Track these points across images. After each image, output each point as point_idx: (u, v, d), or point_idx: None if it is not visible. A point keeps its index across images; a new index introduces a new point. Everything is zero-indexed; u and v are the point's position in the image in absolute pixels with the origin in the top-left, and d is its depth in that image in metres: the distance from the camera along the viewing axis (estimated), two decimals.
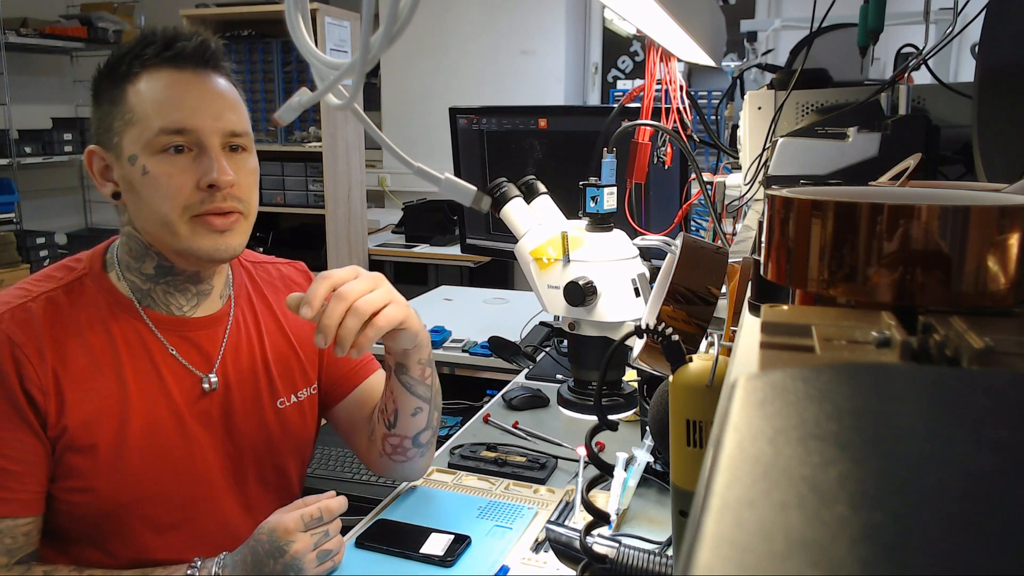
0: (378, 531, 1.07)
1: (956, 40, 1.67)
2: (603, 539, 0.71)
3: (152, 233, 0.94)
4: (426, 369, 1.06)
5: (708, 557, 0.14)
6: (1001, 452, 0.18)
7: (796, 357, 0.28)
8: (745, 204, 1.18)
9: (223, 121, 0.92)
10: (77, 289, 0.96)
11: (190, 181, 0.91)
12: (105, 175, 0.95)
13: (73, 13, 4.90)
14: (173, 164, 0.90)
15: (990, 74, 0.81)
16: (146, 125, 0.90)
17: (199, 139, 0.91)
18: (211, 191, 0.91)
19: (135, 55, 0.92)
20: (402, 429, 1.08)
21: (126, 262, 0.99)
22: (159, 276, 0.98)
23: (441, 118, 2.15)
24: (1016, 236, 0.32)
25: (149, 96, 0.90)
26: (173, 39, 0.92)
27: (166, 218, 0.91)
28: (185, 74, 0.92)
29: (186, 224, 0.92)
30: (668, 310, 0.65)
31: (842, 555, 0.14)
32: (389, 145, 0.53)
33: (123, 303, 0.97)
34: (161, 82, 0.91)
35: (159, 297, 0.99)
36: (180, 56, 0.92)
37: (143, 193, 0.91)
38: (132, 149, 0.91)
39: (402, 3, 0.39)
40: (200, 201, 0.91)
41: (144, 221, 0.94)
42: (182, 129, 0.90)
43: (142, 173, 0.90)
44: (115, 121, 0.92)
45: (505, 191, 1.01)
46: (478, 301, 2.45)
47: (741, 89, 1.66)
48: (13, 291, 0.94)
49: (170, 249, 0.95)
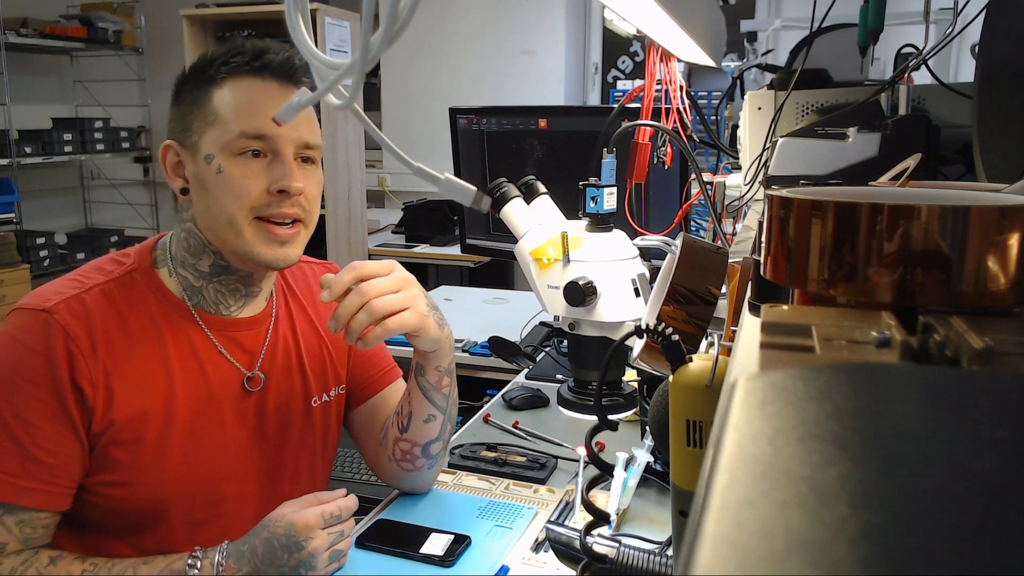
0: (378, 531, 1.07)
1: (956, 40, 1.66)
2: (603, 539, 0.71)
3: (215, 231, 0.96)
4: (444, 378, 1.07)
5: (708, 557, 0.14)
6: (1001, 452, 0.18)
7: (796, 357, 0.28)
8: (745, 204, 1.18)
9: (299, 132, 0.96)
10: (128, 283, 0.97)
11: (261, 184, 0.94)
12: (176, 171, 0.98)
13: (73, 13, 4.90)
14: (248, 167, 0.93)
15: (990, 74, 0.81)
16: (227, 128, 0.93)
17: (275, 146, 0.94)
18: (280, 196, 0.94)
19: (223, 62, 0.95)
20: (414, 435, 1.09)
21: (181, 258, 1.00)
22: (213, 275, 1.00)
23: (441, 118, 2.15)
24: (1016, 236, 0.32)
25: (233, 101, 0.94)
26: (263, 51, 0.96)
27: (232, 217, 0.94)
28: (269, 85, 0.96)
29: (250, 226, 0.94)
30: (668, 310, 0.65)
31: (842, 555, 0.14)
32: (389, 145, 0.53)
33: (172, 300, 0.99)
34: (246, 89, 0.95)
35: (210, 296, 1.01)
36: (267, 68, 0.95)
37: (214, 191, 0.94)
38: (210, 148, 0.94)
39: (402, 3, 0.39)
40: (267, 204, 0.94)
41: (210, 219, 0.96)
42: (261, 135, 0.93)
43: (217, 172, 0.93)
44: (196, 121, 0.95)
45: (505, 191, 1.01)
46: (478, 301, 2.45)
47: (741, 89, 1.66)
48: (65, 282, 0.96)
49: (231, 249, 0.97)
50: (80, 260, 4.68)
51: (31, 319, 0.91)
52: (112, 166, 5.34)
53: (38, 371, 0.89)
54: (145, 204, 5.45)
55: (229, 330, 1.02)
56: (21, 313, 0.92)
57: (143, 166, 5.39)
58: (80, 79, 5.12)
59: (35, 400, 0.89)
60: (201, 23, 3.28)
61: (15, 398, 0.88)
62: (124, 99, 5.17)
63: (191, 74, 0.97)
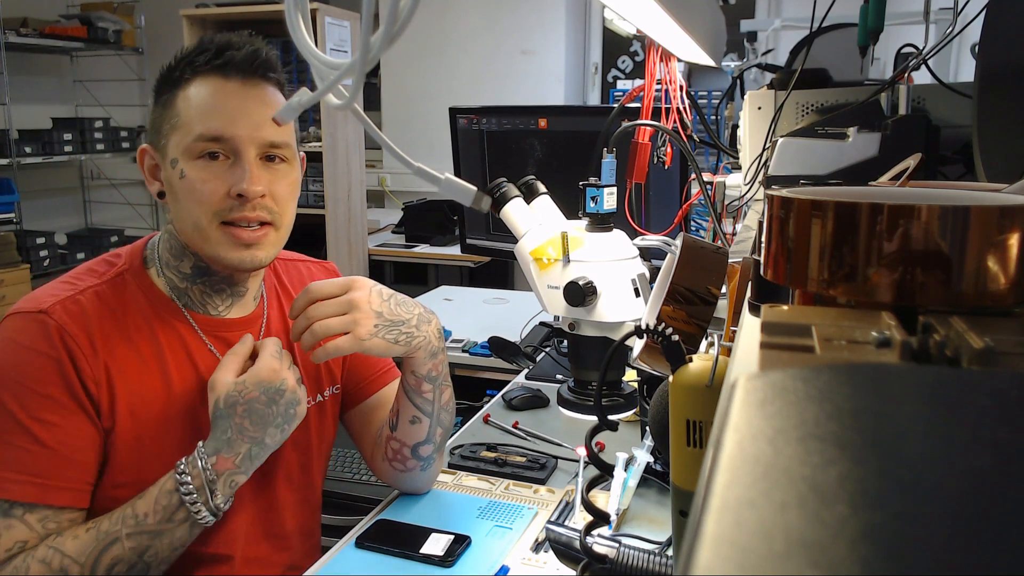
0: (378, 531, 1.07)
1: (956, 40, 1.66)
2: (603, 539, 0.71)
3: (187, 235, 0.97)
4: (422, 383, 1.06)
5: (708, 557, 0.14)
6: (1001, 452, 0.18)
7: (796, 357, 0.28)
8: (745, 204, 1.18)
9: (261, 132, 0.94)
10: (120, 284, 0.97)
11: (222, 188, 0.93)
12: (153, 174, 0.98)
13: (73, 13, 4.90)
14: (207, 170, 0.93)
15: (990, 74, 0.81)
16: (188, 131, 0.92)
17: (235, 147, 0.93)
18: (241, 200, 0.93)
19: (188, 61, 0.94)
20: (402, 435, 1.09)
21: (166, 259, 1.00)
22: (196, 276, 1.00)
23: (441, 118, 2.15)
24: (1016, 236, 0.32)
25: (194, 103, 0.93)
26: (224, 47, 0.94)
27: (198, 222, 0.94)
28: (231, 83, 0.94)
29: (216, 230, 0.94)
30: (668, 310, 0.65)
31: (842, 555, 0.14)
32: (389, 145, 0.53)
33: (163, 300, 0.99)
34: (207, 89, 0.93)
35: (196, 297, 1.01)
36: (228, 64, 0.94)
37: (180, 196, 0.94)
38: (174, 153, 0.93)
39: (402, 3, 0.39)
40: (230, 208, 0.93)
41: (180, 223, 0.96)
42: (219, 137, 0.92)
43: (180, 176, 0.93)
44: (164, 124, 0.95)
45: (505, 191, 1.01)
46: (478, 301, 2.45)
47: (741, 89, 1.66)
48: (58, 285, 0.95)
49: (202, 253, 0.97)
50: (80, 260, 4.68)
51: (29, 322, 0.90)
52: (112, 166, 5.34)
53: (46, 371, 0.89)
54: (145, 204, 5.45)
55: (220, 331, 1.02)
56: (17, 317, 0.91)
57: None
58: (80, 79, 5.12)
59: (48, 400, 0.88)
60: (201, 23, 3.28)
61: (27, 400, 0.88)
62: (124, 99, 5.17)
63: (164, 75, 0.96)
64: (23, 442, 0.87)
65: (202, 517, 0.89)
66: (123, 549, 0.87)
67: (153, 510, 0.89)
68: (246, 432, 0.91)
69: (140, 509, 0.89)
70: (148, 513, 0.88)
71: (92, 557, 0.87)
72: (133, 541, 0.88)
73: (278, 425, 0.93)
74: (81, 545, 0.87)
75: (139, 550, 0.88)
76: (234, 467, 0.91)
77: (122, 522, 0.88)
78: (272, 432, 0.93)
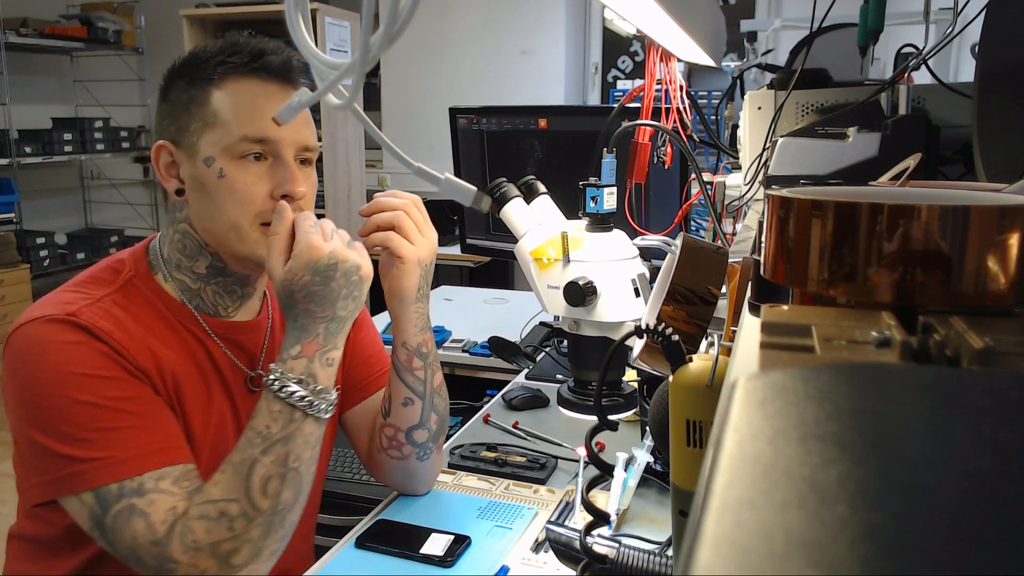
0: (378, 531, 1.07)
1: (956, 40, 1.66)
2: (603, 539, 0.71)
3: (215, 234, 0.95)
4: (413, 359, 1.05)
5: (708, 557, 0.14)
6: (1001, 452, 0.18)
7: (796, 357, 0.28)
8: (745, 204, 1.18)
9: (300, 135, 0.95)
10: (131, 292, 0.95)
11: (264, 189, 0.93)
12: (170, 171, 0.96)
13: (73, 13, 4.91)
14: (250, 171, 0.93)
15: (990, 74, 0.81)
16: (228, 130, 0.92)
17: (277, 150, 0.94)
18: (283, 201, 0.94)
19: (221, 61, 0.94)
20: (395, 419, 1.08)
21: (176, 260, 0.99)
22: (211, 276, 0.99)
23: (441, 118, 2.15)
24: (1016, 236, 0.32)
25: (234, 103, 0.93)
26: (261, 51, 0.94)
27: (237, 223, 0.93)
28: (270, 86, 0.95)
29: (256, 230, 0.94)
30: (668, 310, 0.65)
31: (842, 555, 0.14)
32: (389, 145, 0.53)
33: (174, 305, 0.97)
34: (247, 91, 0.94)
35: (208, 297, 1.00)
36: (266, 69, 0.94)
37: (215, 195, 0.93)
38: (209, 151, 0.92)
39: (402, 3, 0.39)
40: (272, 209, 0.93)
41: (210, 222, 0.95)
42: (264, 139, 0.93)
43: (219, 175, 0.92)
44: (193, 121, 0.93)
45: (505, 191, 1.01)
46: (478, 301, 2.45)
47: (741, 89, 1.66)
48: (68, 294, 0.92)
49: (231, 253, 0.96)
50: (80, 260, 4.68)
51: (60, 324, 0.87)
52: (112, 166, 5.34)
53: (100, 358, 0.86)
54: (145, 204, 5.45)
55: (230, 334, 1.02)
56: (42, 323, 0.87)
57: (143, 166, 5.39)
58: (80, 79, 5.12)
59: (116, 380, 0.86)
60: (201, 23, 3.28)
61: (98, 388, 0.85)
62: (124, 99, 5.18)
63: (183, 70, 0.95)
64: (120, 422, 0.85)
65: (316, 406, 0.88)
66: (265, 466, 0.86)
67: (272, 420, 0.87)
68: (315, 314, 0.89)
69: (260, 425, 0.87)
70: (269, 424, 0.87)
71: (242, 488, 0.85)
72: (271, 455, 0.86)
73: (346, 297, 0.91)
74: (225, 484, 0.85)
75: (280, 460, 0.86)
76: (320, 346, 0.89)
77: (250, 445, 0.87)
78: (343, 304, 0.90)
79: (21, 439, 0.88)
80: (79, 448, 0.84)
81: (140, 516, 0.84)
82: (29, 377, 0.86)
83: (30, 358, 0.86)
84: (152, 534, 0.84)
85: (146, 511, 0.84)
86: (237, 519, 0.84)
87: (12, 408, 0.88)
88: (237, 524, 0.84)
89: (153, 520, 0.84)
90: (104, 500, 0.84)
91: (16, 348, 0.88)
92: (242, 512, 0.84)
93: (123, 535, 0.84)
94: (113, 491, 0.84)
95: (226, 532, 0.84)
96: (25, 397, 0.86)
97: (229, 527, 0.84)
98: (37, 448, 0.85)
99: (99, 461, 0.84)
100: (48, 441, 0.84)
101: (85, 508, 0.84)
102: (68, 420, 0.84)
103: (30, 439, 0.86)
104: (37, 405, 0.85)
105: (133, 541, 0.83)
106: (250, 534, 0.85)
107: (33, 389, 0.86)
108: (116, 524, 0.83)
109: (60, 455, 0.84)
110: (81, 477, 0.84)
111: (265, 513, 0.85)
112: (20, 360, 0.87)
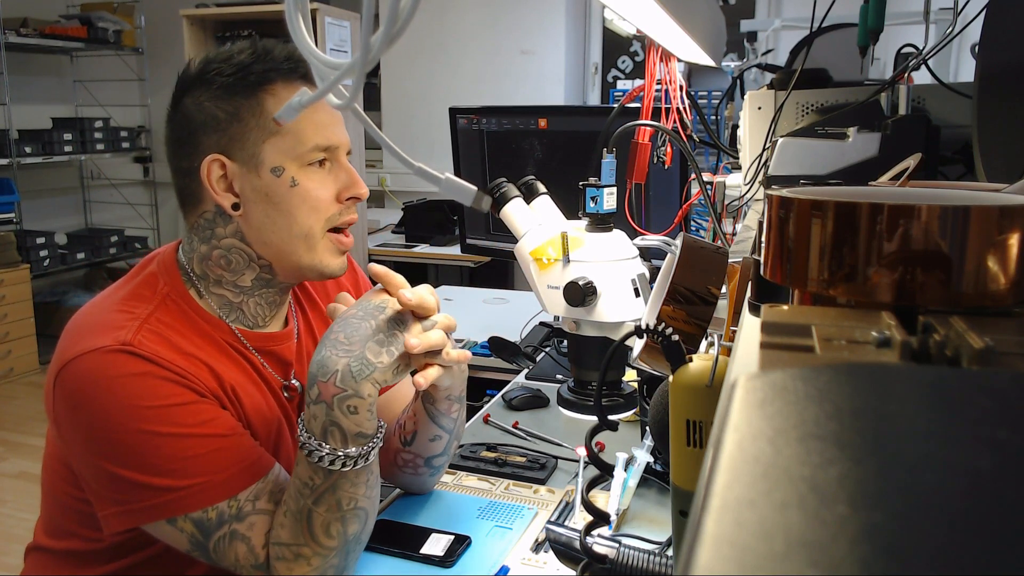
0: (378, 531, 1.07)
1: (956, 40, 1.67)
2: (603, 539, 0.71)
3: (276, 245, 0.92)
4: (453, 404, 1.05)
5: (708, 557, 0.14)
6: (1001, 452, 0.18)
7: (796, 357, 0.28)
8: (745, 204, 1.18)
9: (347, 137, 0.97)
10: (171, 307, 0.92)
11: (330, 194, 0.93)
12: (221, 185, 0.91)
13: (73, 13, 4.90)
14: (317, 178, 0.92)
15: (990, 74, 0.81)
16: (300, 139, 0.90)
17: (336, 154, 0.95)
18: (349, 203, 0.94)
19: (272, 68, 0.90)
20: (418, 449, 1.08)
21: (216, 276, 0.95)
22: (255, 288, 0.97)
23: (441, 118, 2.15)
24: (1016, 236, 0.32)
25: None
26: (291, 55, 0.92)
27: (310, 231, 0.92)
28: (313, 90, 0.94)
29: (324, 238, 0.94)
30: (668, 310, 0.65)
31: (842, 555, 0.14)
32: (389, 145, 0.53)
33: (213, 321, 0.95)
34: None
35: (249, 310, 0.97)
36: (308, 76, 0.94)
37: (286, 205, 0.90)
38: (277, 160, 0.90)
39: (402, 3, 0.39)
40: (339, 213, 0.94)
41: (273, 233, 0.92)
42: (331, 145, 0.93)
43: (291, 184, 0.90)
44: (250, 132, 0.89)
45: (505, 191, 1.01)
46: (478, 301, 2.45)
47: (741, 89, 1.66)
48: (115, 316, 0.88)
49: (293, 263, 0.94)
50: (80, 260, 4.68)
51: (118, 357, 0.83)
52: (112, 166, 5.34)
53: (166, 387, 0.83)
54: (145, 204, 5.45)
55: (266, 345, 1.00)
56: (97, 355, 0.82)
57: (143, 166, 5.39)
58: (80, 79, 5.12)
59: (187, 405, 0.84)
60: (201, 23, 3.28)
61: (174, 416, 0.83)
62: (124, 99, 5.18)
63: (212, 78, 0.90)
64: (204, 447, 0.84)
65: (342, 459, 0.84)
66: (321, 515, 0.86)
67: (314, 472, 0.85)
68: (340, 345, 0.85)
69: (304, 476, 0.86)
70: (312, 476, 0.85)
71: (307, 535, 0.86)
72: (322, 505, 0.86)
73: (380, 342, 0.85)
74: (291, 528, 0.86)
75: (333, 507, 0.86)
76: (337, 389, 0.83)
77: (300, 495, 0.86)
78: (372, 347, 0.85)
79: (87, 470, 0.85)
80: (168, 478, 0.82)
81: (242, 541, 0.86)
82: (97, 414, 0.82)
83: (97, 395, 0.82)
84: (254, 559, 0.86)
85: (247, 535, 0.86)
86: (313, 558, 0.87)
87: (76, 442, 0.85)
88: (315, 561, 0.87)
89: (254, 544, 0.86)
90: (203, 526, 0.84)
91: (77, 384, 0.83)
92: (315, 553, 0.87)
93: (226, 558, 0.86)
94: (212, 517, 0.84)
95: (307, 567, 0.86)
96: (95, 434, 0.83)
97: (308, 563, 0.86)
98: (115, 479, 0.83)
99: (192, 488, 0.83)
100: (131, 474, 0.82)
101: (184, 534, 0.84)
102: (152, 454, 0.82)
103: (104, 471, 0.83)
104: (113, 442, 0.82)
105: (236, 563, 0.86)
106: (331, 562, 0.88)
107: (104, 427, 0.82)
108: (219, 548, 0.85)
109: (147, 486, 0.82)
110: (175, 505, 0.83)
111: (337, 549, 0.88)
112: (85, 396, 0.83)
